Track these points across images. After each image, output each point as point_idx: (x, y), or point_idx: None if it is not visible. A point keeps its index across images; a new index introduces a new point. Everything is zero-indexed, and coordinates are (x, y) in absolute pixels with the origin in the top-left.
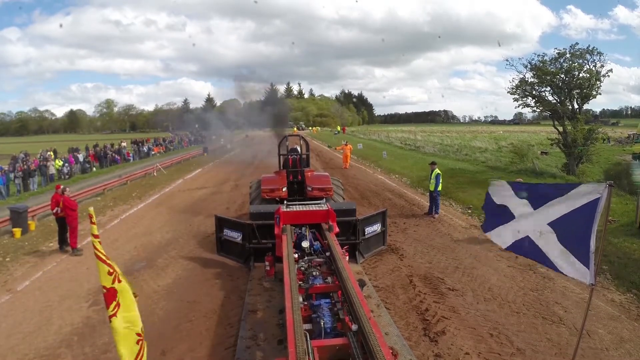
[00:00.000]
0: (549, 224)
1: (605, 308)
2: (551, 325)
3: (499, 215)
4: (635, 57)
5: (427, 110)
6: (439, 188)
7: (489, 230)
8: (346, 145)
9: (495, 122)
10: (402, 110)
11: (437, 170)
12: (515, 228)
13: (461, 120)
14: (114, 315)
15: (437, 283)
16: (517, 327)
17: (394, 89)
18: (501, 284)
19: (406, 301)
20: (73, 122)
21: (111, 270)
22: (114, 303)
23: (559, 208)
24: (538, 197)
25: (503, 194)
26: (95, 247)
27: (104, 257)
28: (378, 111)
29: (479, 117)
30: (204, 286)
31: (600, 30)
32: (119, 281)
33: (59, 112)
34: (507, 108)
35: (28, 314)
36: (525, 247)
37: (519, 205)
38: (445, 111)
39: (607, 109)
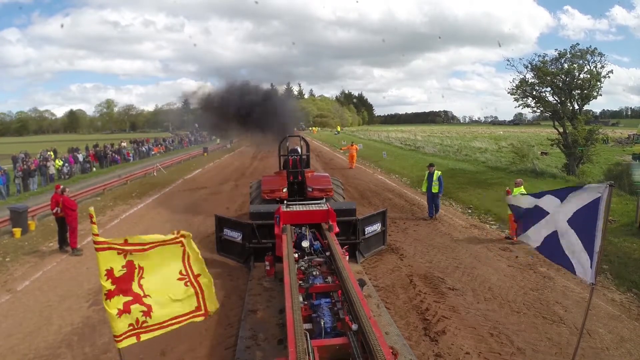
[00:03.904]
0: (567, 221)
1: (605, 307)
2: (551, 324)
3: (529, 216)
4: (634, 58)
5: (426, 110)
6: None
7: (519, 234)
8: (352, 145)
9: (495, 122)
10: (401, 110)
11: (438, 172)
12: (545, 225)
13: (461, 121)
14: (141, 277)
15: (437, 283)
16: (517, 326)
17: (393, 90)
18: (501, 284)
19: (406, 301)
20: (73, 122)
21: (120, 251)
22: (136, 270)
23: (571, 205)
24: (558, 193)
25: (526, 200)
26: (95, 242)
27: (108, 245)
28: (378, 111)
29: (479, 118)
30: None
31: (598, 30)
32: (131, 253)
33: (59, 112)
34: (507, 108)
35: (28, 314)
36: (551, 247)
37: (546, 202)
38: (445, 111)
39: (607, 110)
